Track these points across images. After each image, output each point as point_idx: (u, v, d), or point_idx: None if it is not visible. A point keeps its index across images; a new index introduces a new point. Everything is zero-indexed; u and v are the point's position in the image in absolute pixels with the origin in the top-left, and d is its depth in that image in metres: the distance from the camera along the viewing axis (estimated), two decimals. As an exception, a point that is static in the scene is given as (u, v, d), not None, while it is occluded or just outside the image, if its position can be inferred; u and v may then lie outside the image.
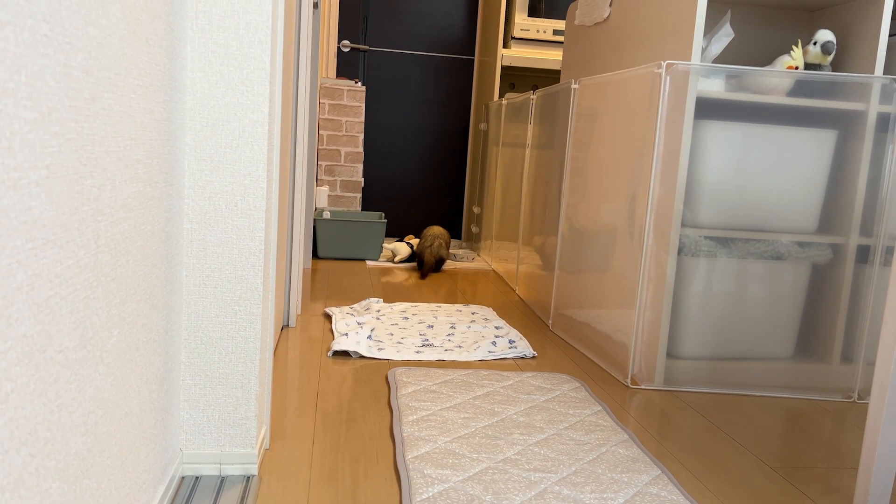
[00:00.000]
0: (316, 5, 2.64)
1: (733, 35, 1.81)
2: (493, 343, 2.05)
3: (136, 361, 0.90)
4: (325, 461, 1.29)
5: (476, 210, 3.93)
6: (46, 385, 0.62)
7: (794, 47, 1.84)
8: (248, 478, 1.21)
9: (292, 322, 2.18)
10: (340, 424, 1.46)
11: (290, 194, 2.12)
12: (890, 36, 1.93)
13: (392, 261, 3.42)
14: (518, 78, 4.01)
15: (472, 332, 2.21)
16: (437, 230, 3.25)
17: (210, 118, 1.11)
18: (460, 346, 2.04)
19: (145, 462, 0.97)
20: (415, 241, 3.41)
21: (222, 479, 1.19)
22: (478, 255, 3.79)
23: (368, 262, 3.37)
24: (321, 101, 3.58)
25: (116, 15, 0.75)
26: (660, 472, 1.30)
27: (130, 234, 0.85)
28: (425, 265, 3.16)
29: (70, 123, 0.64)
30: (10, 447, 0.56)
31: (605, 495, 1.19)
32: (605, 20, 2.28)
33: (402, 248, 3.41)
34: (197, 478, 1.19)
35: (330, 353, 1.92)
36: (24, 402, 0.58)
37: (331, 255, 3.40)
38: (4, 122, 0.52)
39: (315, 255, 3.43)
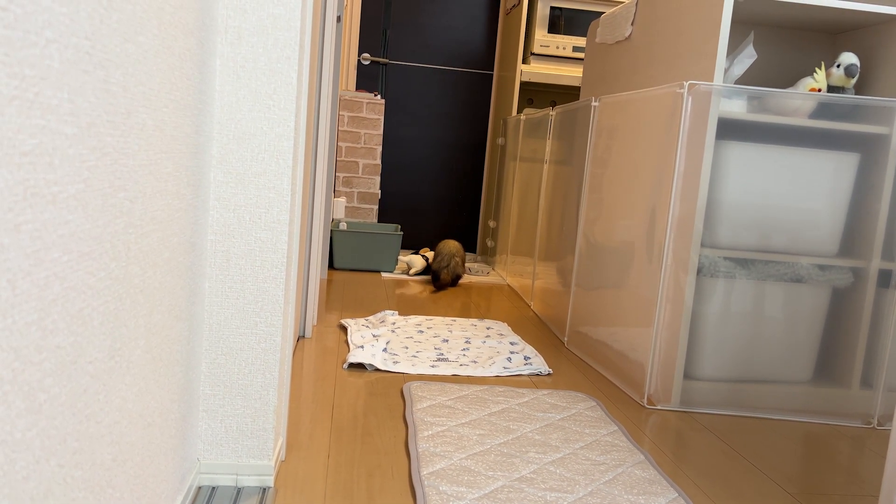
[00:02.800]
0: (339, 18, 2.67)
1: (756, 56, 1.81)
2: (509, 359, 2.04)
3: (159, 372, 0.91)
4: (340, 475, 1.29)
5: (492, 224, 3.93)
6: (77, 395, 0.63)
7: (817, 69, 1.83)
8: (265, 489, 1.21)
9: (308, 333, 2.19)
10: (356, 438, 1.46)
11: (310, 205, 2.13)
12: (914, 60, 1.92)
13: (407, 273, 3.43)
14: (536, 94, 4.02)
15: (487, 347, 2.21)
16: (452, 246, 3.21)
17: (237, 131, 1.12)
18: (475, 362, 2.04)
19: (165, 471, 0.98)
20: (430, 254, 3.42)
21: (239, 490, 1.20)
22: (492, 269, 3.79)
23: (384, 274, 3.38)
24: (341, 113, 3.60)
25: (153, 31, 0.76)
26: (676, 494, 1.29)
27: (158, 246, 0.86)
28: (441, 282, 3.17)
29: (107, 138, 0.66)
30: (42, 457, 0.56)
31: (621, 517, 1.19)
32: (626, 39, 2.29)
33: (418, 261, 3.42)
34: (214, 488, 1.20)
35: (345, 366, 1.92)
36: (56, 413, 0.58)
37: (346, 266, 3.41)
38: (47, 138, 0.53)
39: (331, 265, 3.44)
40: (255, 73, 1.12)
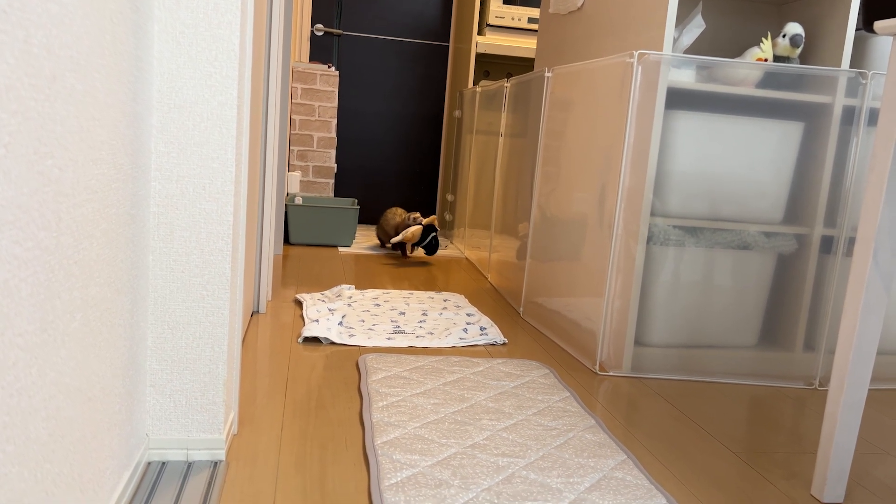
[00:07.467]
0: (289, -12, 2.60)
1: (704, 26, 1.83)
2: (465, 330, 2.05)
3: (99, 346, 0.88)
4: (293, 447, 1.29)
5: (450, 197, 3.92)
6: (5, 369, 0.61)
7: (763, 39, 1.86)
8: (216, 463, 1.20)
9: (262, 308, 2.16)
10: (310, 411, 1.46)
11: (261, 179, 2.10)
12: (856, 30, 1.96)
13: (401, 246, 3.24)
14: (492, 65, 4.01)
15: (443, 318, 2.21)
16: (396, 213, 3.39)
17: (178, 100, 1.09)
18: (431, 333, 2.04)
19: (109, 447, 0.96)
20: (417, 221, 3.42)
21: (189, 465, 1.18)
22: (451, 242, 3.79)
23: (341, 249, 3.35)
24: (294, 85, 3.54)
25: (79, -8, 0.73)
26: (625, 457, 1.32)
27: (94, 216, 0.83)
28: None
29: (30, 102, 0.63)
30: (-33, 431, 0.55)
31: (571, 480, 1.21)
32: (578, 9, 2.28)
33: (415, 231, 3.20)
34: (163, 463, 1.18)
35: (300, 340, 1.91)
36: (-18, 386, 0.57)
37: (303, 241, 3.38)
38: (-41, 98, 0.51)
39: (287, 241, 3.40)
40: (195, 39, 1.08)
